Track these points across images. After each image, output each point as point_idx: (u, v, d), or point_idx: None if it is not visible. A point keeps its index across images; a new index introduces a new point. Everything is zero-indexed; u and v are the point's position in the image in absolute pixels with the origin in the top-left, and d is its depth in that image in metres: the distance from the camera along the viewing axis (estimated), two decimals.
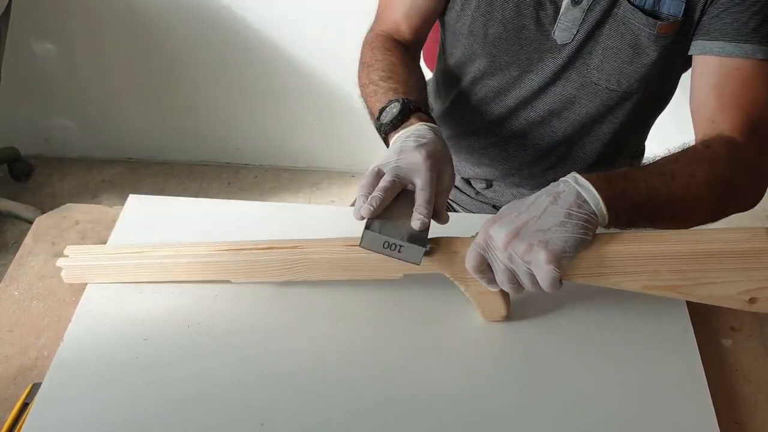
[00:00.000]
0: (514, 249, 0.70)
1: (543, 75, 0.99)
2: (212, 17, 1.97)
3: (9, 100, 2.08)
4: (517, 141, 1.07)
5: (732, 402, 0.76)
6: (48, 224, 0.94)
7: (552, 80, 0.99)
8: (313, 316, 0.81)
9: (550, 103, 1.02)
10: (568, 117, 1.02)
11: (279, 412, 0.72)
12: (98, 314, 0.80)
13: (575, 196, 0.72)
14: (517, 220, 0.71)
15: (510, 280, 0.73)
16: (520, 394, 0.75)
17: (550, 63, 0.98)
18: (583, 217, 0.71)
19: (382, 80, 0.96)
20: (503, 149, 1.09)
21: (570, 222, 0.70)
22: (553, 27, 0.95)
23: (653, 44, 0.92)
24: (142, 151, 2.28)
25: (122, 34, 2.01)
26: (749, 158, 0.85)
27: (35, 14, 1.97)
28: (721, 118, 0.88)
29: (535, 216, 0.71)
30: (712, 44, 0.89)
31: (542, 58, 0.98)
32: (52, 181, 2.21)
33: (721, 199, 0.83)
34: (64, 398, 0.72)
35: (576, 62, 0.97)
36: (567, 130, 1.04)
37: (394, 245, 0.73)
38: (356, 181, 1.39)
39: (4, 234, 2.02)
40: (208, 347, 0.78)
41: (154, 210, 0.94)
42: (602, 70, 0.96)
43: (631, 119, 1.03)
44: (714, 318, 0.85)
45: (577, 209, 0.71)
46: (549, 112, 1.03)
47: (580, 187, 0.73)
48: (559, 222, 0.70)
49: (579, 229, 0.70)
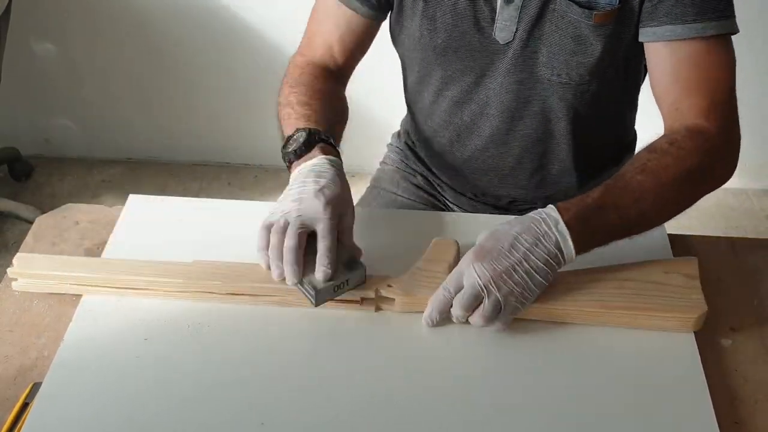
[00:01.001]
0: (499, 284, 0.76)
1: (495, 77, 0.99)
2: (212, 17, 1.97)
3: (9, 100, 2.08)
4: (493, 149, 1.06)
5: (732, 402, 0.76)
6: (48, 224, 0.94)
7: (505, 81, 0.98)
8: (313, 316, 0.81)
9: (509, 104, 1.00)
10: (531, 116, 1.01)
11: (279, 412, 0.72)
12: (98, 314, 0.80)
13: (554, 245, 0.78)
14: (505, 261, 0.77)
15: (471, 306, 0.77)
16: (518, 396, 0.75)
17: (498, 64, 0.97)
18: (557, 265, 0.79)
19: (299, 105, 0.98)
20: (482, 160, 1.08)
21: (546, 269, 0.78)
22: (492, 28, 0.95)
23: (594, 34, 0.91)
24: (142, 151, 2.28)
25: (122, 35, 2.01)
26: (717, 143, 0.88)
27: (35, 14, 1.97)
28: (684, 104, 0.89)
29: (519, 260, 0.77)
30: (662, 30, 0.89)
31: (491, 60, 0.97)
32: (52, 181, 2.21)
33: (693, 189, 0.87)
34: (64, 398, 0.72)
35: (523, 60, 0.96)
36: (536, 129, 1.03)
37: (342, 284, 0.80)
38: (356, 182, 1.39)
39: (4, 234, 2.02)
40: (208, 347, 0.78)
41: (154, 210, 0.94)
42: (550, 65, 0.95)
43: (598, 110, 1.02)
44: (714, 318, 0.85)
45: (554, 259, 0.78)
46: (511, 113, 1.01)
47: (559, 234, 0.78)
48: (538, 267, 0.77)
49: (550, 276, 0.78)
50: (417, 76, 1.06)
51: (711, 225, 2.13)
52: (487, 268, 0.76)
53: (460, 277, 0.77)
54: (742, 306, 0.86)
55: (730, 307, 0.86)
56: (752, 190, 2.25)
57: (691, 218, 2.15)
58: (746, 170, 2.33)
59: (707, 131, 0.87)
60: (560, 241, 0.78)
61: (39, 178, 2.21)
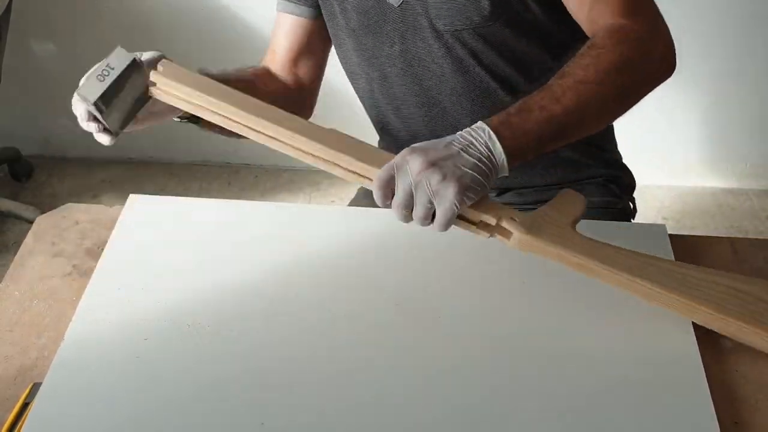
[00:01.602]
0: (429, 176, 0.74)
1: (403, 42, 0.99)
2: (212, 17, 1.97)
3: (9, 100, 2.08)
4: (428, 114, 1.05)
5: (732, 402, 0.76)
6: (48, 224, 0.94)
7: (409, 42, 0.98)
8: (314, 317, 0.81)
9: (422, 64, 1.00)
10: (451, 74, 1.00)
11: (279, 412, 0.72)
12: (98, 314, 0.80)
13: (484, 146, 0.77)
14: (436, 154, 0.75)
15: (405, 205, 0.76)
16: (519, 395, 0.75)
17: (400, 27, 0.98)
18: (489, 170, 0.77)
19: None
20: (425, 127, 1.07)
21: (479, 168, 0.76)
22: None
23: None
24: (142, 151, 2.27)
25: (122, 35, 2.01)
26: (639, 34, 0.85)
27: (35, 14, 1.97)
28: (597, 13, 0.88)
29: (451, 155, 0.75)
30: None
31: (394, 27, 0.98)
32: (52, 181, 2.21)
33: (621, 82, 0.83)
34: (64, 398, 0.72)
35: (419, 18, 0.96)
36: (461, 84, 1.01)
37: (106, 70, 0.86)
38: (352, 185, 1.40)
39: (4, 234, 2.02)
40: (208, 347, 0.78)
41: (155, 210, 0.94)
42: (442, 16, 0.94)
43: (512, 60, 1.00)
44: None
45: (486, 160, 0.77)
46: (430, 72, 1.01)
47: (489, 139, 0.77)
48: (471, 164, 0.76)
49: (484, 178, 0.76)
50: (344, 67, 1.08)
51: (712, 225, 2.13)
52: (418, 159, 0.74)
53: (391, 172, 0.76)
54: None
55: None
56: (753, 190, 2.25)
57: (692, 218, 2.17)
58: (747, 170, 2.34)
59: (627, 26, 0.85)
60: (489, 145, 0.77)
61: (39, 178, 2.21)
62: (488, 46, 0.97)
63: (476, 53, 0.98)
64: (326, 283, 0.85)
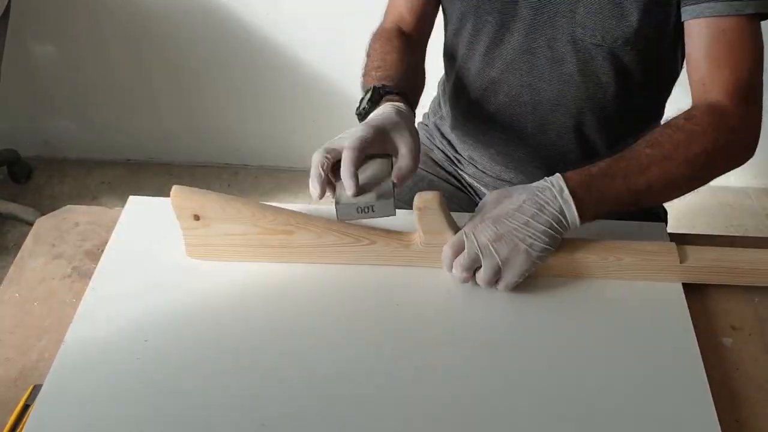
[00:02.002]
0: (498, 247, 0.78)
1: (529, 32, 0.99)
2: (212, 18, 1.97)
3: (8, 101, 2.08)
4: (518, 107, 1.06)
5: (733, 401, 0.76)
6: (48, 226, 0.94)
7: (538, 37, 0.99)
8: (314, 317, 0.81)
9: (539, 61, 1.01)
10: (560, 75, 1.01)
11: (280, 412, 0.72)
12: (99, 316, 0.80)
13: (558, 211, 0.80)
14: (507, 224, 0.79)
15: (470, 267, 0.80)
16: (519, 396, 0.74)
17: (533, 19, 0.98)
18: (559, 233, 0.81)
19: (374, 70, 0.99)
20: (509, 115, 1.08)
21: (549, 233, 0.80)
22: None
23: (633, 4, 0.92)
24: (142, 153, 2.28)
25: (122, 35, 2.01)
26: (735, 122, 0.88)
27: (35, 14, 1.97)
28: (710, 80, 0.90)
29: (521, 225, 0.79)
30: (700, 7, 0.90)
31: (527, 14, 0.98)
32: (52, 182, 2.21)
33: (704, 166, 0.88)
34: (65, 400, 0.72)
35: (559, 19, 0.97)
36: (565, 91, 1.03)
37: (367, 208, 0.80)
38: None
39: (4, 236, 2.02)
40: (208, 348, 0.78)
41: (155, 211, 0.94)
42: (585, 26, 0.95)
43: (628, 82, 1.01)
44: (714, 317, 0.85)
45: (557, 225, 0.80)
46: (541, 71, 1.02)
47: (563, 201, 0.80)
48: (542, 231, 0.79)
49: (554, 242, 0.81)
50: (452, 29, 1.08)
51: (712, 223, 2.13)
52: (487, 231, 0.79)
53: (462, 238, 0.80)
54: (743, 305, 0.86)
55: (731, 305, 0.86)
56: (753, 188, 2.25)
57: (692, 216, 2.17)
58: (747, 168, 2.34)
59: (727, 110, 0.88)
60: (564, 209, 0.80)
61: (38, 180, 2.21)
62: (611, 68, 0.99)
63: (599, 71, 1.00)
64: (327, 283, 0.85)
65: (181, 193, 0.84)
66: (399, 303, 0.83)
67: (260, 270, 0.86)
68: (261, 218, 0.84)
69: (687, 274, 0.85)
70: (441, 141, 1.23)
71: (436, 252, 0.84)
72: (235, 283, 0.85)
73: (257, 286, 0.84)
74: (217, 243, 0.85)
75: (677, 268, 0.85)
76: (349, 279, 0.86)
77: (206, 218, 0.84)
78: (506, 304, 0.84)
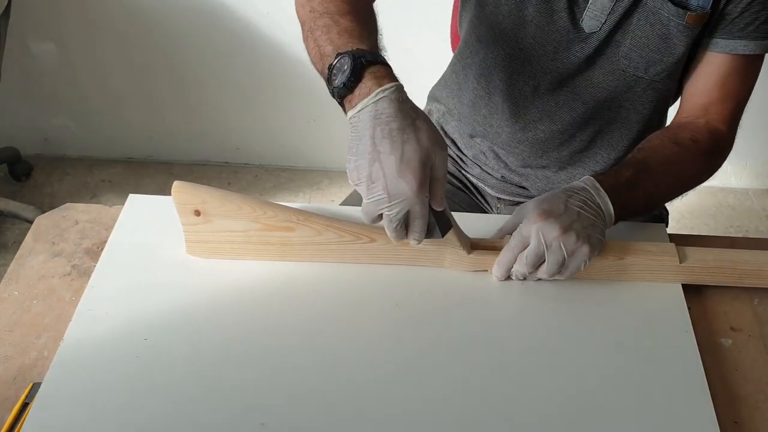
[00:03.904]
0: (565, 241, 0.80)
1: (570, 62, 1.00)
2: (212, 17, 1.97)
3: (9, 100, 2.08)
4: (545, 126, 1.07)
5: (732, 401, 0.76)
6: (48, 224, 0.94)
7: (579, 68, 1.00)
8: (314, 317, 0.81)
9: (575, 88, 1.02)
10: (596, 102, 1.03)
11: (279, 412, 0.72)
12: (98, 314, 0.80)
13: (598, 206, 0.85)
14: (566, 219, 0.82)
15: (536, 264, 0.82)
16: (519, 395, 0.74)
17: (577, 51, 0.99)
18: (602, 224, 0.84)
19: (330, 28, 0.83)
20: (533, 134, 1.09)
21: (596, 226, 0.83)
22: (582, 15, 0.96)
23: (682, 35, 0.93)
24: (142, 151, 2.27)
25: (122, 34, 2.01)
26: (727, 147, 0.99)
27: (35, 14, 1.97)
28: (715, 109, 0.97)
29: (575, 219, 0.82)
30: (736, 44, 0.93)
31: (569, 46, 0.98)
32: (52, 180, 2.21)
33: (696, 182, 0.98)
34: (64, 398, 0.72)
35: (604, 51, 0.98)
36: (595, 114, 1.04)
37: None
38: None
39: (3, 234, 2.02)
40: (208, 347, 0.78)
41: (154, 210, 0.94)
42: (630, 58, 0.97)
43: (657, 106, 1.04)
44: (714, 318, 0.85)
45: (600, 219, 0.84)
46: (579, 98, 1.03)
47: (600, 198, 0.85)
48: (591, 224, 0.83)
49: (603, 235, 0.84)
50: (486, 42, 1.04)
51: (712, 224, 2.13)
52: (552, 226, 0.80)
53: (526, 236, 0.81)
54: (743, 306, 0.86)
55: (731, 307, 0.86)
56: (753, 189, 2.25)
57: (692, 217, 2.16)
58: (747, 170, 2.34)
59: (723, 136, 0.97)
60: (602, 204, 0.85)
61: (38, 178, 2.21)
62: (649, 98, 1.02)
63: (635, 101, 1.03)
64: (326, 283, 0.85)
65: (182, 189, 0.84)
66: (399, 302, 0.83)
67: (260, 269, 0.86)
68: (261, 214, 0.84)
69: (687, 274, 0.85)
70: (446, 141, 1.22)
71: (436, 250, 0.84)
72: (234, 282, 0.84)
73: (257, 286, 0.84)
74: (217, 240, 0.85)
75: (677, 269, 0.85)
76: (349, 278, 0.86)
77: (207, 214, 0.84)
78: (506, 304, 0.84)
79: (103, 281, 0.84)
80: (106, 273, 0.85)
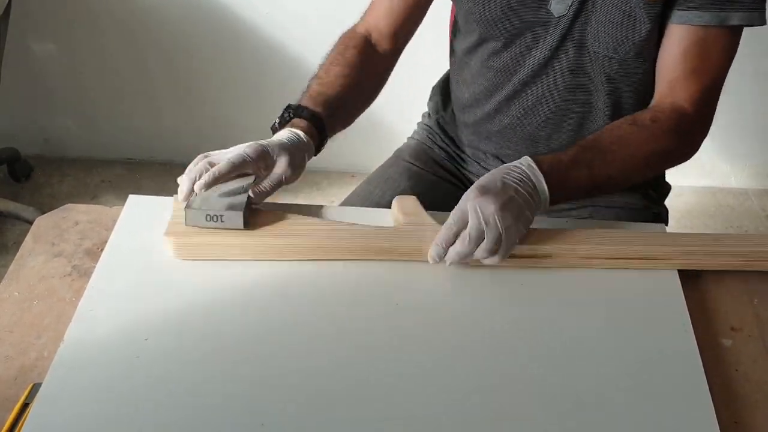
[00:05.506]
0: (502, 215, 0.81)
1: (544, 49, 1.01)
2: (212, 17, 1.97)
3: (9, 100, 2.08)
4: (532, 117, 1.08)
5: (732, 401, 0.76)
6: (48, 225, 0.94)
7: (553, 53, 1.01)
8: (314, 317, 0.81)
9: (554, 75, 1.03)
10: (574, 87, 1.04)
11: (279, 412, 0.72)
12: (99, 314, 0.80)
13: (532, 186, 0.85)
14: (503, 195, 0.82)
15: (478, 239, 0.82)
16: (519, 395, 0.75)
17: (549, 37, 1.00)
18: (536, 205, 0.86)
19: (315, 80, 1.03)
20: (520, 128, 1.10)
21: (530, 204, 0.84)
22: (548, 0, 0.97)
23: (644, 12, 0.94)
24: (142, 151, 2.28)
25: (122, 34, 2.01)
26: (693, 128, 0.97)
27: (35, 14, 1.97)
28: (679, 85, 0.96)
29: (512, 195, 0.83)
30: (691, 14, 0.93)
31: (542, 32, 1.00)
32: (52, 181, 2.21)
33: (659, 164, 1.00)
34: (64, 398, 0.72)
35: (573, 33, 0.99)
36: (576, 101, 1.05)
37: (216, 217, 0.83)
38: (356, 181, 1.39)
39: (3, 234, 2.02)
40: (208, 347, 0.78)
41: (155, 210, 0.94)
42: (599, 39, 0.98)
43: (637, 88, 1.04)
44: (714, 318, 0.85)
45: (534, 198, 0.85)
46: (555, 84, 1.04)
47: (535, 178, 0.86)
48: (525, 201, 0.84)
49: (532, 214, 0.85)
50: (468, 43, 1.08)
51: (711, 225, 2.13)
52: (489, 202, 0.81)
53: (464, 214, 0.81)
54: (743, 305, 0.87)
55: (731, 306, 0.86)
56: (753, 189, 2.25)
57: (692, 218, 2.17)
58: (747, 170, 2.34)
59: (687, 114, 0.95)
60: (536, 184, 0.86)
61: (38, 179, 2.21)
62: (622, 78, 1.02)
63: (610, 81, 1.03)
64: (326, 283, 0.85)
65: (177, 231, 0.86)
66: (398, 302, 0.83)
67: (260, 269, 0.86)
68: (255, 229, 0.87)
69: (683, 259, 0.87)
70: (443, 139, 1.23)
71: (418, 231, 0.86)
72: (234, 282, 0.85)
73: (257, 285, 0.84)
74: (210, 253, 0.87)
75: (673, 251, 0.86)
76: (348, 278, 0.86)
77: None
78: (503, 300, 0.84)
79: (103, 282, 0.84)
80: (107, 273, 0.85)
